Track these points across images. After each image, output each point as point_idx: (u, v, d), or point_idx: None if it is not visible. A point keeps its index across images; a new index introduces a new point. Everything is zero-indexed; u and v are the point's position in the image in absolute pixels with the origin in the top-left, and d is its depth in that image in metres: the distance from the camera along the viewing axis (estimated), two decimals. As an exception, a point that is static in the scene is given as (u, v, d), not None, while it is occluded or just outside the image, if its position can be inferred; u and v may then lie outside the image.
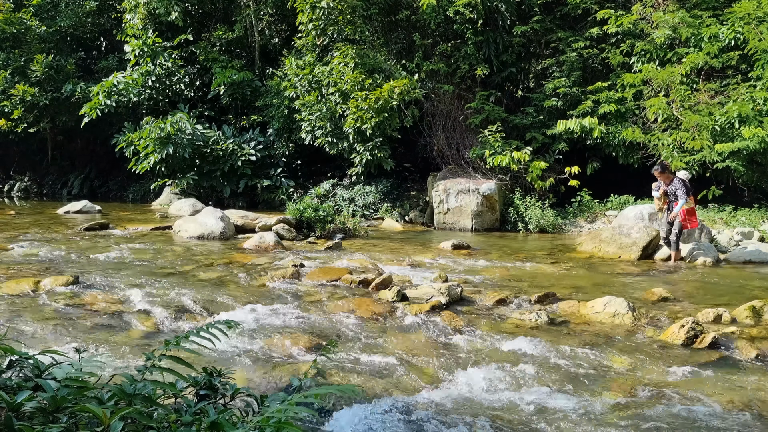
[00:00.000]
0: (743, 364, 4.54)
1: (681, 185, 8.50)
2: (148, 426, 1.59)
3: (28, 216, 13.63)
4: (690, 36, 12.00)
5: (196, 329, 2.11)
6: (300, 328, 5.12)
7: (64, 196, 20.10)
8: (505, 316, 5.66)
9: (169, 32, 17.26)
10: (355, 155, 13.67)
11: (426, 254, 8.93)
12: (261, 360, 4.37)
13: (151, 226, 11.33)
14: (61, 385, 1.67)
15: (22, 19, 18.81)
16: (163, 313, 5.37)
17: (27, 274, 6.65)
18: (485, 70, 13.31)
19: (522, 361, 4.43)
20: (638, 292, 6.60)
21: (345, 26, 14.02)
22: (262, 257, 8.30)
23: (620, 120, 12.47)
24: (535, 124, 13.23)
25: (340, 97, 13.56)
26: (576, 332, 5.24)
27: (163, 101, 17.03)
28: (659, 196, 8.76)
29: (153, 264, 7.67)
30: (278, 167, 15.81)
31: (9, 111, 18.12)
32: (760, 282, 7.46)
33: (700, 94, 11.74)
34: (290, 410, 1.63)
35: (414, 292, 6.22)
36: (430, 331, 5.15)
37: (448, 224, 12.44)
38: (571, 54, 13.10)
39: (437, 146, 13.87)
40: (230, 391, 1.98)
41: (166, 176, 15.84)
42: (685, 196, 8.43)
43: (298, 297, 6.12)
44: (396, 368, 4.27)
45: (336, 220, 10.95)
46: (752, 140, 10.30)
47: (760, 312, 5.60)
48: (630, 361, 4.51)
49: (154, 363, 1.91)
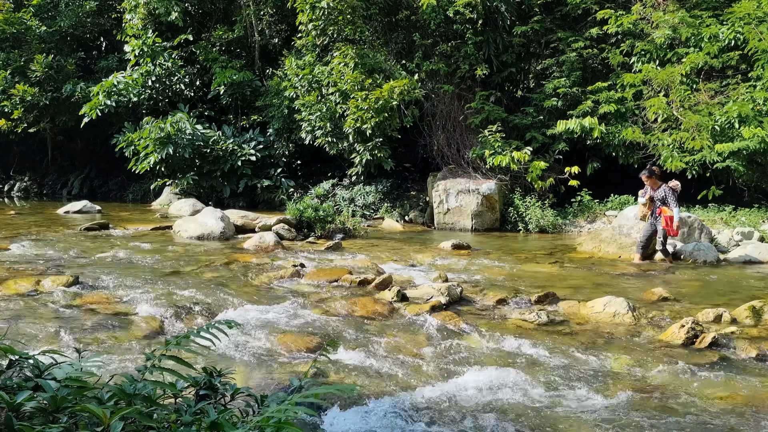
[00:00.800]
0: (743, 364, 4.54)
1: (671, 192, 8.39)
2: (148, 426, 1.59)
3: (28, 216, 13.63)
4: (690, 36, 12.00)
5: (196, 329, 2.11)
6: (300, 328, 5.12)
7: (64, 196, 20.10)
8: (505, 316, 5.66)
9: (169, 32, 17.26)
10: (355, 155, 13.67)
11: (426, 254, 8.92)
12: (261, 360, 4.37)
13: (151, 226, 11.33)
14: (61, 385, 1.67)
15: (22, 19, 18.80)
16: (163, 313, 5.37)
17: (27, 274, 6.65)
18: (485, 70, 13.31)
19: (522, 361, 4.43)
20: (638, 292, 6.60)
21: (345, 26, 14.02)
22: (262, 257, 8.29)
23: (620, 120, 12.47)
24: (535, 124, 13.23)
25: (340, 97, 13.56)
26: (576, 332, 5.24)
27: (163, 101, 17.03)
28: (644, 202, 8.67)
29: (153, 264, 7.67)
30: (278, 167, 15.81)
31: (9, 111, 18.12)
32: (760, 282, 7.46)
33: (700, 94, 11.74)
34: (290, 410, 1.63)
35: (414, 292, 6.22)
36: (430, 331, 5.15)
37: (448, 224, 12.44)
38: (571, 54, 13.10)
39: (437, 146, 13.87)
40: (230, 391, 1.98)
41: (166, 176, 15.84)
42: (677, 205, 8.34)
43: (298, 297, 6.11)
44: (396, 368, 4.27)
45: (336, 220, 10.95)
46: (752, 140, 10.31)
47: (760, 312, 5.60)
48: (630, 361, 4.51)
49: (154, 363, 1.91)
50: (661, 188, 8.48)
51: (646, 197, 8.64)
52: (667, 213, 8.36)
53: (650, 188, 8.61)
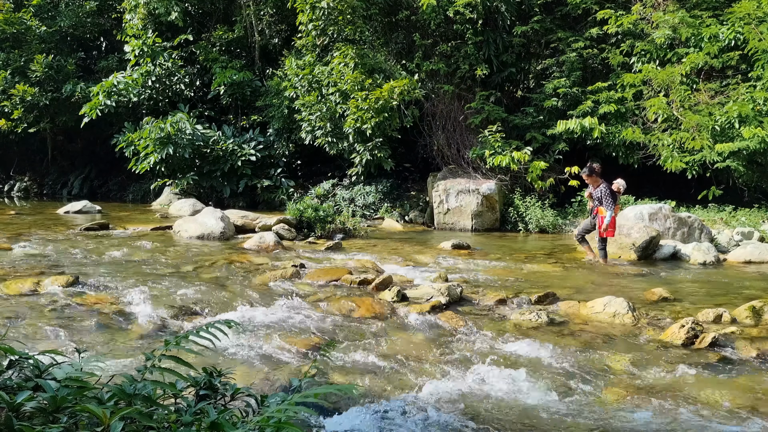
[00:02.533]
0: (743, 364, 4.54)
1: (607, 194, 8.28)
2: (148, 426, 1.59)
3: (28, 216, 13.63)
4: (690, 36, 12.00)
5: (196, 329, 2.11)
6: (300, 328, 5.12)
7: (64, 196, 20.10)
8: (505, 317, 5.66)
9: (169, 32, 17.26)
10: (355, 155, 13.67)
11: (426, 254, 8.92)
12: (261, 360, 4.37)
13: (151, 226, 11.33)
14: (61, 385, 1.67)
15: (22, 19, 18.81)
16: (163, 313, 5.37)
17: (27, 274, 6.65)
18: (485, 70, 13.31)
19: (522, 362, 4.43)
20: (638, 292, 6.60)
21: (345, 26, 14.02)
22: (262, 257, 8.29)
23: (620, 120, 12.47)
24: (535, 124, 13.24)
25: (340, 97, 13.57)
26: (576, 332, 5.24)
27: (163, 101, 17.04)
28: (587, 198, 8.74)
29: (153, 264, 7.67)
30: (278, 167, 15.81)
31: (9, 111, 18.13)
32: (760, 282, 7.46)
33: (700, 94, 11.75)
34: (290, 410, 1.63)
35: (414, 292, 6.21)
36: (429, 331, 5.15)
37: (448, 224, 12.44)
38: (571, 54, 13.10)
39: (437, 146, 13.87)
40: (230, 391, 1.98)
41: (166, 176, 15.84)
42: (611, 207, 8.26)
43: (298, 297, 6.11)
44: (396, 368, 4.27)
45: (336, 220, 10.95)
46: (752, 140, 10.31)
47: (760, 312, 5.60)
48: (630, 361, 4.51)
49: (154, 363, 1.90)
50: (600, 188, 8.42)
51: (587, 194, 8.70)
52: (602, 213, 8.33)
53: (591, 186, 8.60)
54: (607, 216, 8.24)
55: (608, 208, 8.25)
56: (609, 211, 8.24)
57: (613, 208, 8.30)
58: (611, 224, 8.33)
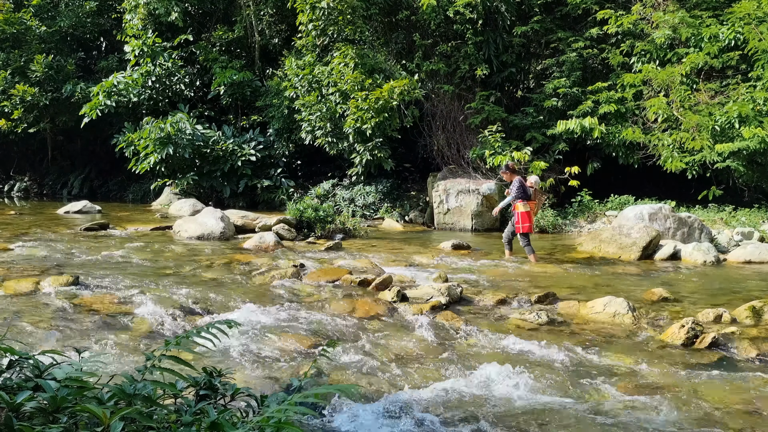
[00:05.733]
0: (743, 364, 4.54)
1: (517, 187, 8.43)
2: (148, 426, 1.59)
3: (28, 216, 13.63)
4: (690, 36, 12.00)
5: (196, 329, 2.11)
6: (300, 328, 5.12)
7: (64, 196, 20.10)
8: (505, 317, 5.66)
9: (169, 32, 17.26)
10: (355, 155, 13.67)
11: (426, 254, 8.92)
12: (261, 360, 4.37)
13: (151, 226, 11.33)
14: (61, 385, 1.67)
15: (22, 19, 18.81)
16: (163, 313, 5.37)
17: (27, 274, 6.65)
18: (485, 70, 13.31)
19: (522, 361, 4.43)
20: (638, 292, 6.60)
21: (345, 26, 14.02)
22: (262, 257, 8.29)
23: (620, 120, 12.48)
24: (535, 124, 13.24)
25: (340, 97, 13.57)
26: (576, 332, 5.24)
27: (163, 101, 17.03)
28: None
29: (153, 264, 7.67)
30: (278, 167, 15.81)
31: (9, 111, 18.12)
32: (760, 282, 7.46)
33: (700, 94, 11.75)
34: (290, 410, 1.63)
35: (414, 292, 6.21)
36: (430, 331, 5.14)
37: (448, 224, 12.44)
38: (571, 54, 13.10)
39: (437, 146, 13.87)
40: (230, 391, 1.98)
41: (166, 176, 15.84)
42: (513, 197, 8.42)
43: (298, 297, 6.12)
44: (396, 368, 4.27)
45: (336, 220, 10.95)
46: (752, 140, 10.31)
47: (760, 312, 5.60)
48: (630, 361, 4.51)
49: (154, 363, 1.91)
50: (513, 182, 8.58)
51: (507, 191, 8.81)
52: (519, 209, 8.42)
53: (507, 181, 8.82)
54: (502, 202, 8.56)
55: (510, 197, 8.48)
56: (508, 198, 8.52)
57: (525, 202, 8.42)
58: (525, 219, 8.41)
